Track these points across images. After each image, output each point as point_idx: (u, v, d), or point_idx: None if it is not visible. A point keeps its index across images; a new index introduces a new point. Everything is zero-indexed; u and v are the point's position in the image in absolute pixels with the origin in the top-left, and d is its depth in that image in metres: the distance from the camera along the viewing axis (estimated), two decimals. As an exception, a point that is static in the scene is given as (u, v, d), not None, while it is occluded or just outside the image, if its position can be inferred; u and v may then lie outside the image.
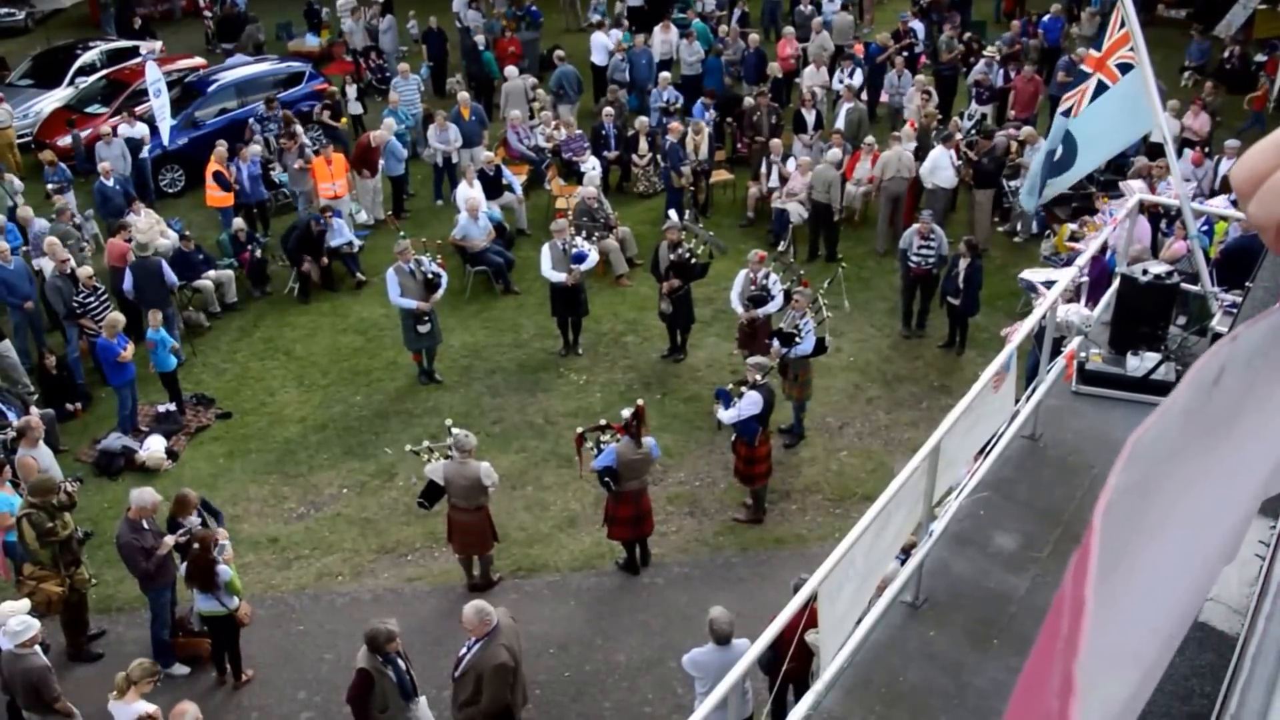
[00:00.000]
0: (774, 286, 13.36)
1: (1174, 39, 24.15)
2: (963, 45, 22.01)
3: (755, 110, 18.65)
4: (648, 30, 22.56)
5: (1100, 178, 16.63)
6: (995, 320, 14.41)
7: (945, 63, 21.56)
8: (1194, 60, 23.23)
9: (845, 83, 19.61)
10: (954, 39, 21.97)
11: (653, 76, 20.53)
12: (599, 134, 18.46)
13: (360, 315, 15.88)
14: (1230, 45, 23.64)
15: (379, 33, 24.06)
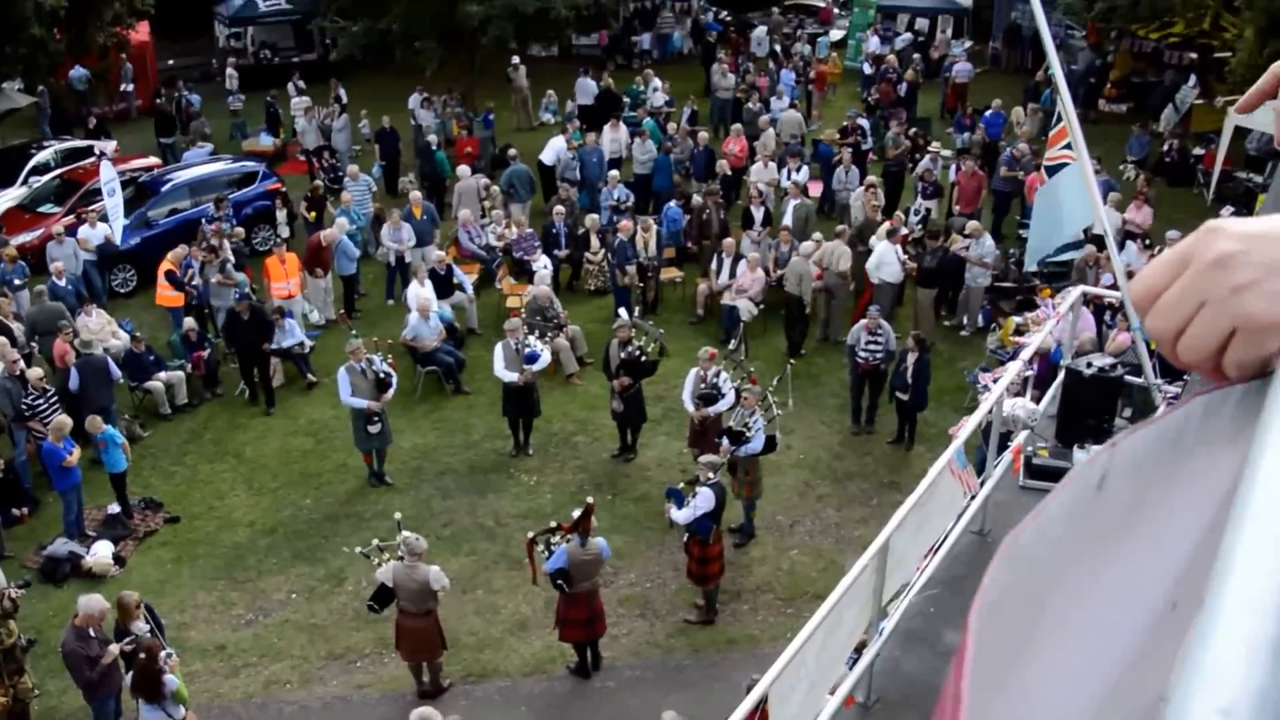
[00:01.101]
0: (724, 384, 13.47)
1: (1116, 133, 24.83)
2: (909, 141, 22.50)
3: (704, 208, 18.93)
4: (598, 129, 22.92)
5: (1044, 270, 17.02)
6: (944, 415, 14.58)
7: (892, 159, 22.01)
8: (1135, 154, 23.85)
9: (793, 179, 19.97)
10: (900, 135, 22.45)
11: (603, 175, 20.80)
12: (550, 232, 18.65)
13: (311, 416, 15.84)
14: (1169, 139, 24.36)
15: (332, 132, 24.29)
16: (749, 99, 25.43)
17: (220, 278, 17.06)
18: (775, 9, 37.71)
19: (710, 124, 25.32)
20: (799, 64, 29.49)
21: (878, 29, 32.71)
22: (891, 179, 21.50)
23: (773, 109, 24.70)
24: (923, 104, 27.27)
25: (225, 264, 17.24)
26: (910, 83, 26.93)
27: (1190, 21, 26.83)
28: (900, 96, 26.40)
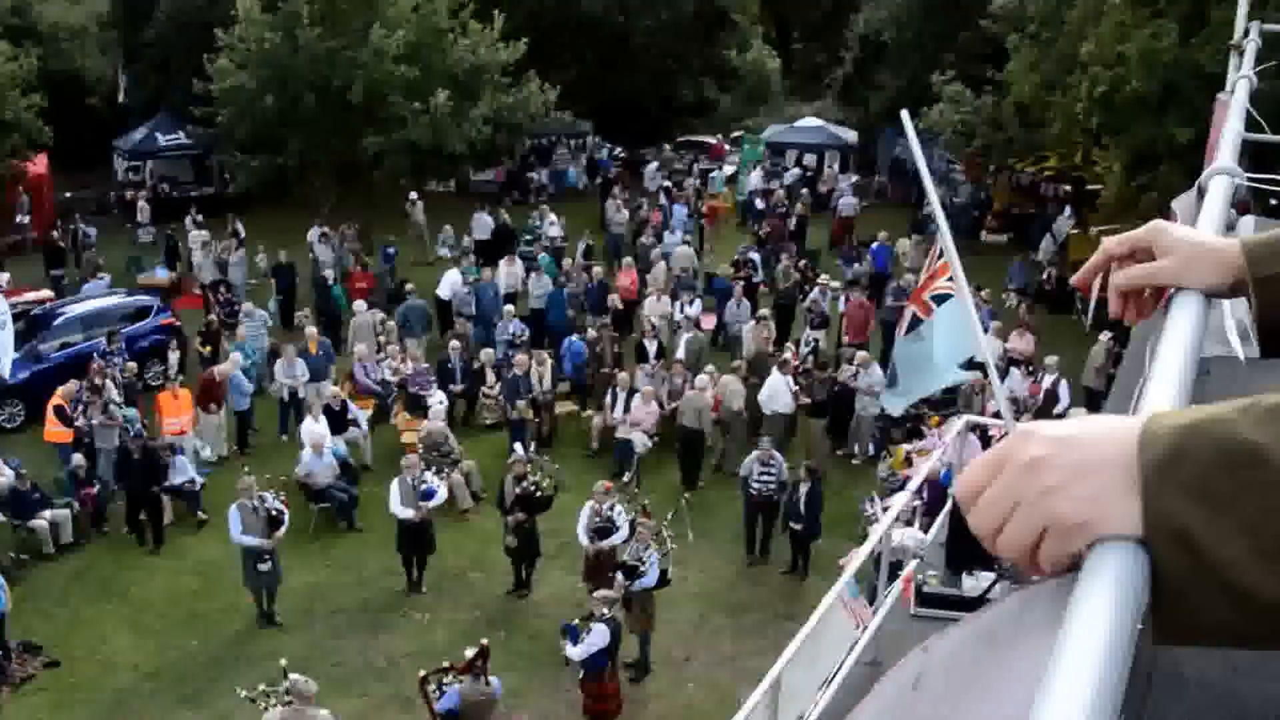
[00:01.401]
0: (619, 518, 13.55)
1: (997, 263, 25.82)
2: (798, 274, 23.13)
3: (598, 341, 19.21)
4: (494, 263, 23.21)
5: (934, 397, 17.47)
6: (837, 543, 14.76)
7: (782, 291, 22.58)
8: (1016, 283, 24.77)
9: (686, 312, 20.37)
10: (790, 268, 23.09)
11: (499, 309, 21.02)
12: (445, 367, 18.76)
13: (200, 555, 15.56)
14: (1048, 268, 25.43)
15: (229, 266, 24.25)
16: (642, 233, 25.99)
17: (103, 419, 16.78)
18: (667, 145, 38.72)
19: (605, 258, 25.77)
20: (691, 199, 30.27)
21: (767, 164, 33.76)
22: (782, 311, 22.02)
23: (665, 243, 25.29)
24: (811, 237, 28.10)
25: (108, 404, 16.96)
26: (799, 216, 27.84)
27: (1063, 156, 28.25)
28: (790, 230, 27.23)
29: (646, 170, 34.22)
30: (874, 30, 36.77)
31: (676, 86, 39.03)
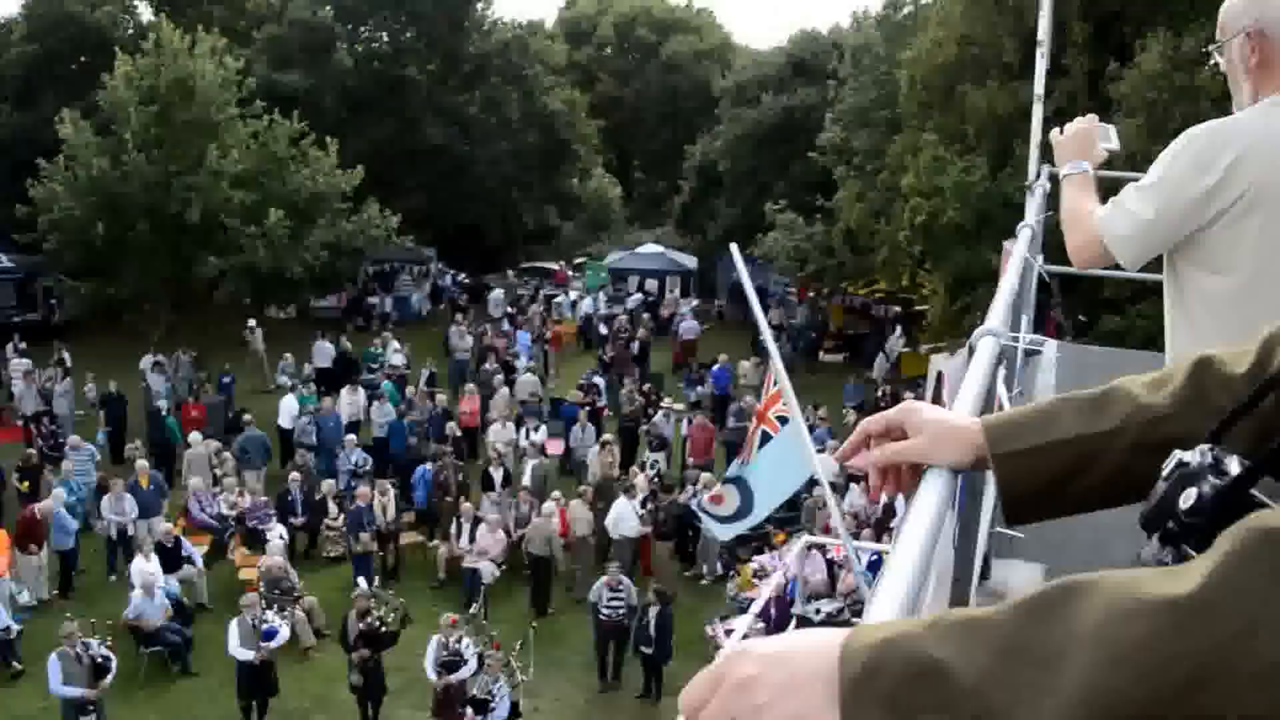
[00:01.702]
0: (468, 650, 13.29)
1: (835, 382, 26.55)
2: (642, 398, 23.37)
3: (442, 470, 19.00)
4: (336, 391, 22.88)
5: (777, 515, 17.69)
6: (689, 665, 14.68)
7: (627, 415, 22.76)
8: (852, 400, 25.48)
9: (531, 439, 20.35)
10: (634, 392, 23.33)
11: (341, 438, 20.68)
12: (285, 499, 18.28)
13: (15, 711, 14.61)
14: (883, 385, 26.25)
15: (54, 396, 23.33)
16: (486, 360, 25.99)
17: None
18: (511, 271, 39.08)
19: (449, 385, 25.64)
20: (535, 325, 30.48)
21: (610, 290, 34.29)
22: (627, 435, 22.16)
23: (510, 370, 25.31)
24: (654, 360, 28.56)
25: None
26: (641, 340, 28.25)
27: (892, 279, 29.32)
28: (633, 354, 27.60)
29: (490, 296, 34.40)
30: (710, 161, 38.12)
31: (519, 214, 39.60)
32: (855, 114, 28.69)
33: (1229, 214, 2.62)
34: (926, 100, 24.48)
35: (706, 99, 41.98)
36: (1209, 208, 2.64)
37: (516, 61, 38.52)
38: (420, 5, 36.87)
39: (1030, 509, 1.51)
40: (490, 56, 38.22)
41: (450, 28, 37.65)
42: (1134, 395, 1.46)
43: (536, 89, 38.77)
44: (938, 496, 1.40)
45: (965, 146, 22.82)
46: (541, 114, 38.51)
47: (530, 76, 38.62)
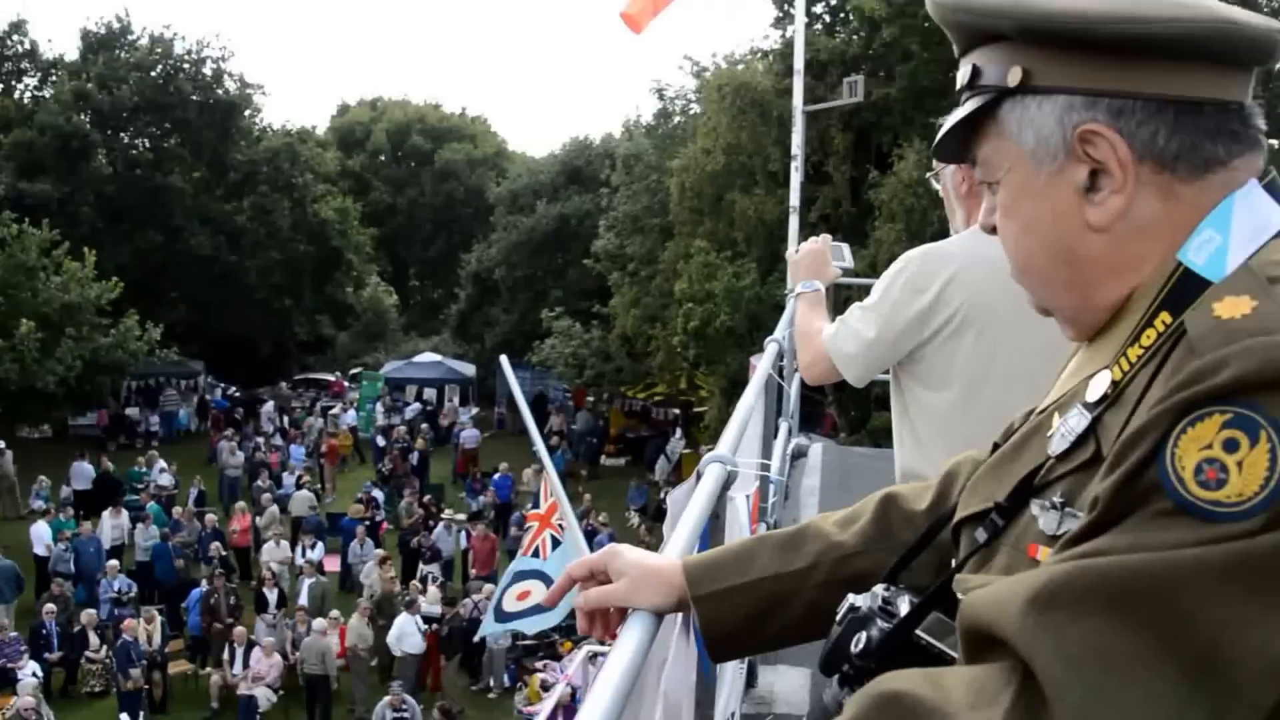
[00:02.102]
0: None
1: (618, 486, 26.81)
2: (422, 509, 23.07)
3: (212, 593, 18.22)
4: (96, 515, 21.76)
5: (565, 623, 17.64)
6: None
7: (407, 527, 22.39)
8: (635, 503, 25.78)
9: (307, 556, 19.77)
10: (413, 504, 23.02)
11: (102, 565, 19.59)
12: (39, 633, 17.15)
13: None
14: (665, 487, 26.60)
15: None
16: (259, 476, 25.22)
17: None
18: (284, 383, 38.20)
19: (220, 504, 24.71)
20: (310, 438, 29.78)
21: (387, 400, 33.89)
22: (407, 548, 21.76)
23: (284, 484, 24.62)
24: (434, 470, 28.23)
25: None
26: (420, 451, 27.92)
27: (669, 382, 29.96)
28: (412, 465, 27.25)
29: (263, 410, 33.46)
30: (486, 268, 38.34)
31: (292, 324, 38.85)
32: (628, 221, 29.34)
33: (943, 333, 2.76)
34: (697, 207, 25.33)
35: (482, 206, 42.41)
36: (925, 327, 2.76)
37: (286, 169, 38.06)
38: (185, 111, 36.10)
39: (733, 646, 1.55)
40: (259, 164, 37.68)
41: (217, 134, 36.96)
42: (825, 533, 1.51)
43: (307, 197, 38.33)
44: (637, 641, 1.41)
45: (735, 252, 23.72)
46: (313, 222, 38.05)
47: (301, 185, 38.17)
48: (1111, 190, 1.12)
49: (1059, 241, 1.16)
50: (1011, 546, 1.16)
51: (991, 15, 1.15)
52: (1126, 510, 0.95)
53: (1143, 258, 1.13)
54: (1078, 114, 1.11)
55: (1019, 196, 1.19)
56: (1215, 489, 0.90)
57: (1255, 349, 0.92)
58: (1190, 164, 1.10)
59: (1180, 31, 1.07)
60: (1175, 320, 1.04)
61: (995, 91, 1.17)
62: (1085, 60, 1.11)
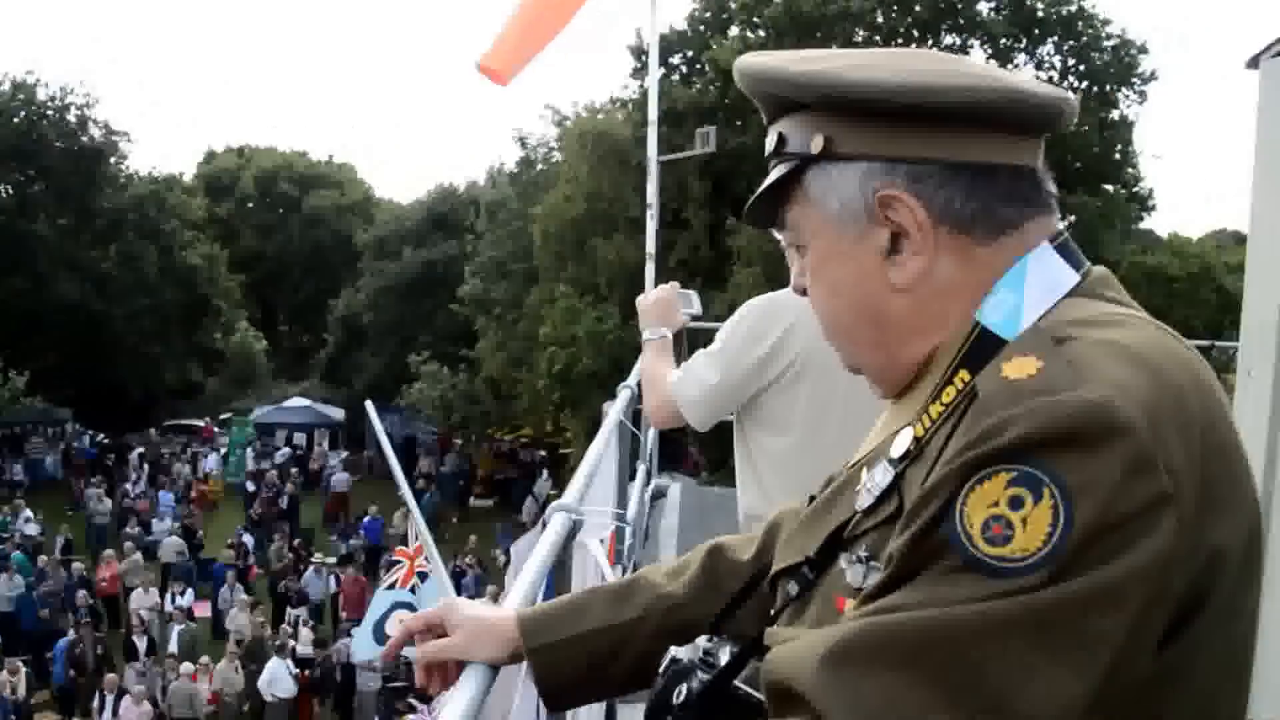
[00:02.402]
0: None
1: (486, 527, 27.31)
2: (292, 553, 23.30)
3: (77, 642, 18.26)
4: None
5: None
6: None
7: (277, 572, 22.57)
8: (504, 544, 26.20)
9: (177, 603, 19.92)
10: (284, 548, 23.21)
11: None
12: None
13: None
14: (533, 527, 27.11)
15: None
16: (127, 523, 25.22)
17: None
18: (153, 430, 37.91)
19: (88, 550, 24.66)
20: (180, 484, 29.75)
21: (257, 445, 33.90)
22: (278, 593, 21.99)
23: (154, 531, 24.67)
24: (305, 514, 28.35)
25: None
26: (290, 495, 28.08)
27: (535, 424, 30.49)
28: (282, 509, 27.41)
29: (132, 456, 33.21)
30: (354, 313, 38.64)
31: (161, 371, 38.60)
32: (493, 266, 29.91)
33: (782, 380, 2.87)
34: (560, 252, 25.86)
35: (349, 252, 42.65)
36: (765, 374, 2.88)
37: (153, 216, 37.95)
38: (48, 158, 35.90)
39: (567, 696, 1.56)
40: (125, 211, 37.50)
41: (82, 181, 36.71)
42: (655, 584, 1.53)
43: (175, 244, 38.28)
44: (470, 695, 1.44)
45: (598, 296, 24.20)
46: (181, 269, 37.98)
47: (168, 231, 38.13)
48: (912, 252, 1.15)
49: (864, 302, 1.20)
50: (822, 599, 1.20)
51: (794, 86, 1.19)
52: (919, 566, 0.99)
53: (944, 317, 1.17)
54: (877, 179, 1.15)
55: (825, 259, 1.23)
56: (1001, 545, 0.94)
57: (1038, 409, 0.95)
58: (986, 226, 1.15)
59: (972, 101, 1.11)
60: (974, 378, 1.08)
61: (800, 159, 1.20)
62: (884, 128, 1.14)
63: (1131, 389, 0.97)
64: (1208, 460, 1.00)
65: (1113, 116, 25.99)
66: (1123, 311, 1.13)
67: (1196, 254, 25.29)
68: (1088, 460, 0.93)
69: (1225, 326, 24.12)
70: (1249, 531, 1.06)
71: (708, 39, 25.74)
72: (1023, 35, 25.54)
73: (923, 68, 1.14)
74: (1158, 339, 1.08)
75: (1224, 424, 1.06)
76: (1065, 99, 1.17)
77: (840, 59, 1.17)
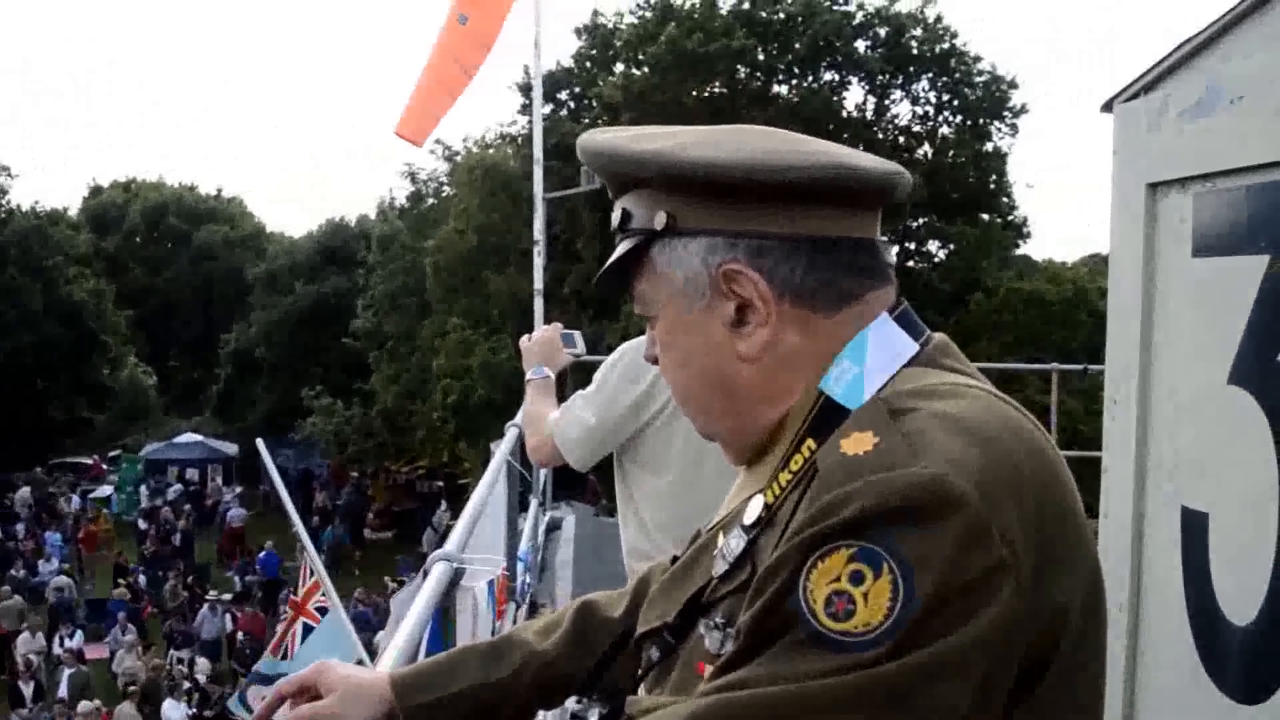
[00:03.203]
0: None
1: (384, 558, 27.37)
2: (187, 591, 23.13)
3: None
4: None
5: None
6: None
7: (172, 610, 22.37)
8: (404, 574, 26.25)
9: (66, 645, 19.65)
10: (178, 586, 23.01)
11: None
12: None
13: None
14: (418, 573, 27.28)
15: None
16: (12, 564, 24.79)
17: None
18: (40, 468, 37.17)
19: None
20: (68, 524, 29.27)
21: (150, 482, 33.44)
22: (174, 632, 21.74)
23: (41, 571, 24.31)
24: (201, 551, 28.13)
25: None
26: (184, 532, 27.82)
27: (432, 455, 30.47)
28: (176, 546, 27.14)
29: (17, 496, 32.53)
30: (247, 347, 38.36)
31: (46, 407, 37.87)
32: (386, 299, 29.97)
33: (658, 420, 2.89)
34: (452, 285, 26.02)
35: (241, 286, 42.25)
36: (641, 414, 2.91)
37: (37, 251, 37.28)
38: (-74, 194, 35.19)
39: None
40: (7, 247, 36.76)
41: (-38, 217, 36.06)
42: (527, 642, 1.51)
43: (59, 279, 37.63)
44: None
45: (491, 328, 24.35)
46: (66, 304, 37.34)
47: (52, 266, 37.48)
48: (757, 324, 1.17)
49: (713, 371, 1.21)
50: (683, 664, 1.20)
51: (634, 164, 1.20)
52: (767, 640, 1.00)
53: (791, 386, 1.18)
54: (719, 254, 1.16)
55: (674, 330, 1.24)
56: (844, 620, 0.95)
57: (875, 485, 0.98)
58: (827, 298, 1.17)
59: (804, 177, 1.13)
60: (819, 446, 1.09)
61: (645, 234, 1.21)
62: (724, 204, 1.16)
63: (964, 462, 1.00)
64: (1043, 523, 1.03)
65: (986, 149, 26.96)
66: (962, 381, 1.15)
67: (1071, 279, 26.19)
68: (924, 534, 0.96)
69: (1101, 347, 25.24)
70: (1090, 586, 1.10)
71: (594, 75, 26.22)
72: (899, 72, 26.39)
73: (758, 145, 1.17)
74: (992, 408, 1.10)
75: (1058, 486, 1.09)
76: (897, 172, 1.21)
77: (677, 137, 1.20)
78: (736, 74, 25.20)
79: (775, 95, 25.62)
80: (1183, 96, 2.20)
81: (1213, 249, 2.15)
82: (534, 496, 7.37)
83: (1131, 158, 2.40)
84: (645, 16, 25.38)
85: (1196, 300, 2.20)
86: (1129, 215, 2.38)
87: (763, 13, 25.04)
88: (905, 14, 25.86)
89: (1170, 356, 2.29)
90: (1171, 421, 2.28)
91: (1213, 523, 2.10)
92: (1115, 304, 2.50)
